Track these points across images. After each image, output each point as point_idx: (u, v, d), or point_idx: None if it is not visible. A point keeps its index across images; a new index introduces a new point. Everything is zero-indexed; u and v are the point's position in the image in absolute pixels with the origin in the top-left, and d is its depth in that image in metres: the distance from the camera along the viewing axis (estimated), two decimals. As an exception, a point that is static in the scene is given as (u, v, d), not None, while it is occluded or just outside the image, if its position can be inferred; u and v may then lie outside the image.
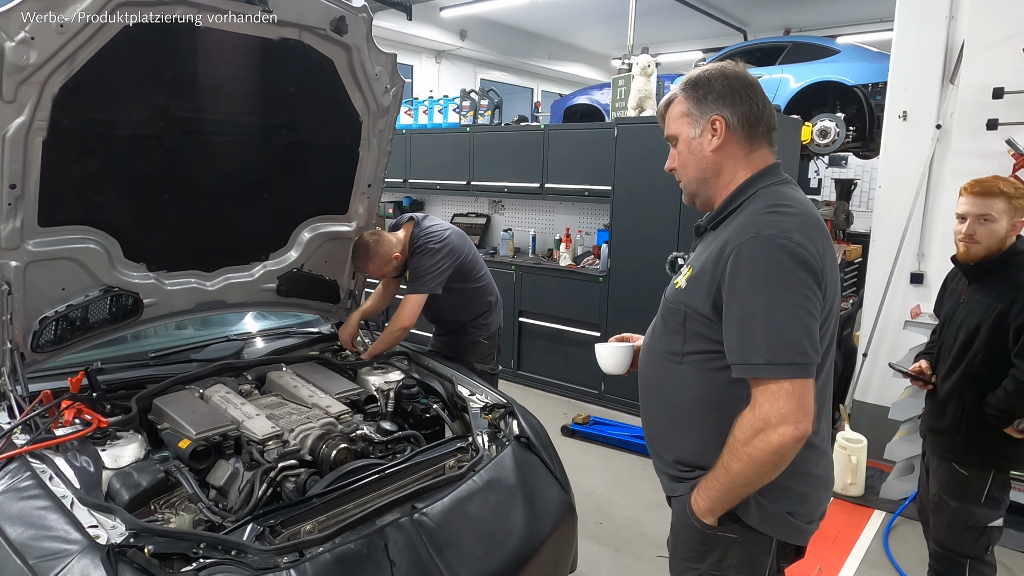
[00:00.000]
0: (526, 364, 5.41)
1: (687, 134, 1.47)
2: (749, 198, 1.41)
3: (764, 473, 1.29)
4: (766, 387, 1.25)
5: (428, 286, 2.89)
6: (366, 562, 1.65)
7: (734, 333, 1.29)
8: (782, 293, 1.25)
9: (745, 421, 1.28)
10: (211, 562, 1.52)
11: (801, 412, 1.24)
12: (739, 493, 1.35)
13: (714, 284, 1.34)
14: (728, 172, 1.45)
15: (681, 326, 1.42)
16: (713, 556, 1.44)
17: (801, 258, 1.26)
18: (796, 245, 1.27)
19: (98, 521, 1.59)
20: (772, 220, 1.31)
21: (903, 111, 3.79)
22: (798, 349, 1.24)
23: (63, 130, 1.90)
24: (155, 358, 2.54)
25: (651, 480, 3.74)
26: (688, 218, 4.28)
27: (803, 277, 1.26)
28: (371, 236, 2.85)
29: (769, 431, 1.24)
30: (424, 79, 10.41)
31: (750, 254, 1.28)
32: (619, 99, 4.92)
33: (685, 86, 1.47)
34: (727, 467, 1.32)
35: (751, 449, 1.26)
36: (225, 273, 2.56)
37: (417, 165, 6.15)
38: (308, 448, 2.08)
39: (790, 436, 1.23)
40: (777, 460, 1.27)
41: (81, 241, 2.12)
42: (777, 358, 1.23)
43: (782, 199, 1.38)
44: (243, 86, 2.26)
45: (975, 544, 2.31)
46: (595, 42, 12.38)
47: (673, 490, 1.52)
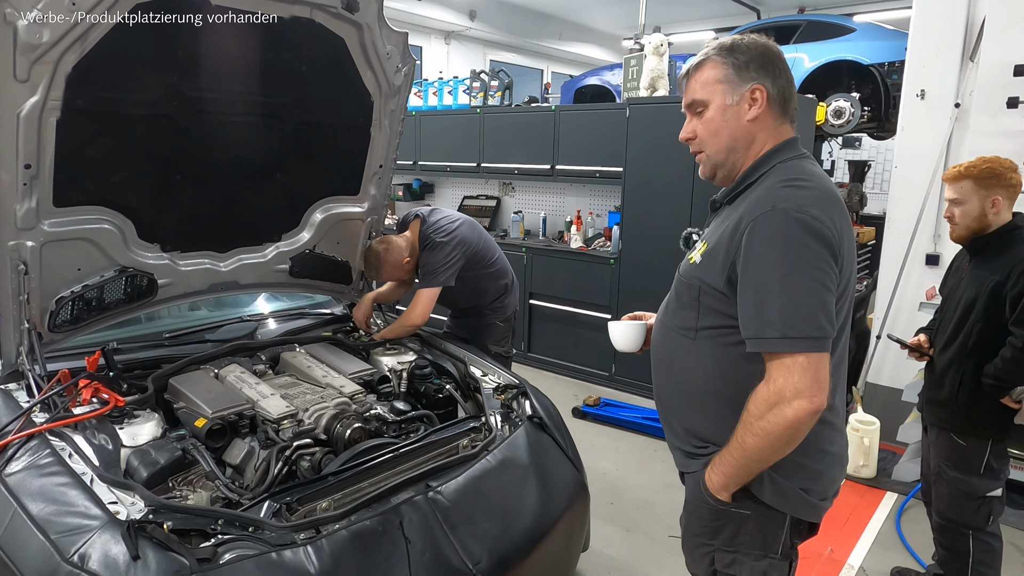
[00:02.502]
0: (537, 346, 5.41)
1: (721, 101, 1.39)
2: (766, 172, 1.38)
3: (779, 448, 1.28)
4: (780, 361, 1.24)
5: (439, 279, 2.88)
6: (381, 539, 1.67)
7: (749, 307, 1.28)
8: (798, 267, 1.23)
9: (759, 395, 1.27)
10: (229, 538, 1.54)
11: (816, 386, 1.22)
12: (753, 468, 1.34)
13: (729, 258, 1.32)
14: (758, 144, 1.41)
15: (695, 301, 1.40)
16: (726, 532, 1.43)
17: (817, 231, 1.24)
18: (812, 219, 1.25)
19: (117, 497, 1.61)
20: (789, 194, 1.29)
21: (921, 90, 3.72)
22: (813, 323, 1.22)
23: (77, 110, 1.89)
24: (170, 338, 2.56)
25: (662, 461, 3.75)
26: (701, 199, 4.25)
27: (819, 251, 1.24)
28: (380, 244, 2.85)
29: (784, 405, 1.23)
30: (433, 60, 10.35)
31: (766, 227, 1.26)
32: (631, 79, 4.87)
33: (720, 51, 1.40)
34: (741, 442, 1.31)
35: (765, 423, 1.25)
36: (238, 254, 2.57)
37: (427, 147, 6.12)
38: (323, 427, 2.09)
39: (805, 410, 1.22)
40: (792, 434, 1.26)
41: (96, 222, 2.13)
42: (792, 332, 1.22)
43: (799, 173, 1.35)
44: (254, 66, 2.24)
45: (976, 514, 2.35)
46: (606, 22, 12.24)
47: (687, 466, 1.51)
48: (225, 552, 1.51)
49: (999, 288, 2.23)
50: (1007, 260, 2.23)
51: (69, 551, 1.44)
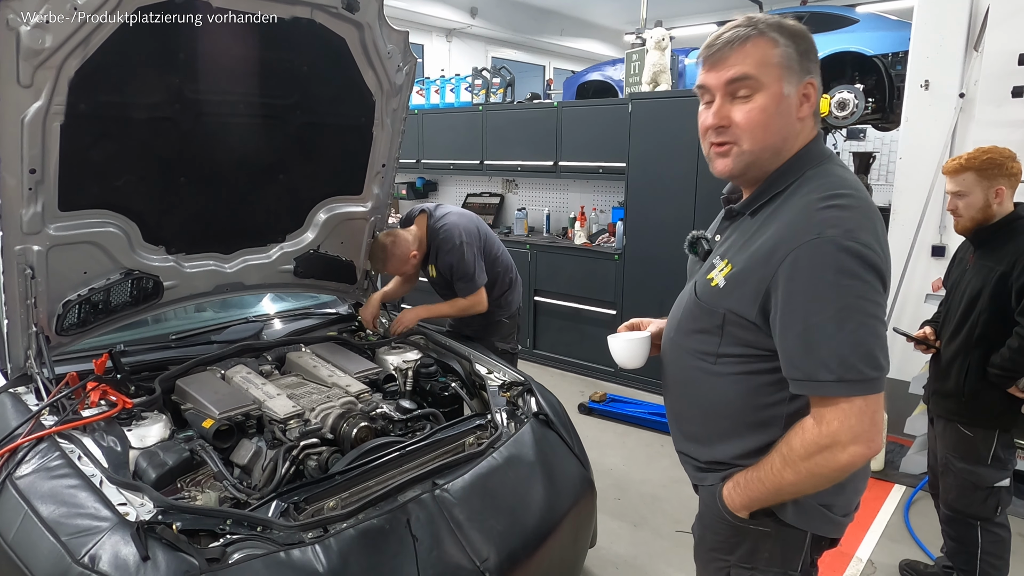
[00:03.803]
0: (542, 343, 5.42)
1: (778, 89, 1.18)
2: (796, 181, 1.23)
3: (819, 486, 1.21)
4: (836, 404, 1.13)
5: (480, 280, 2.95)
6: (389, 537, 1.68)
7: (796, 346, 1.15)
8: (852, 302, 1.11)
9: (809, 437, 1.16)
10: (238, 538, 1.55)
11: (874, 429, 1.13)
12: (783, 498, 1.27)
13: (762, 287, 1.18)
14: (796, 141, 1.24)
15: (718, 328, 1.28)
16: (743, 549, 1.36)
17: (870, 262, 1.12)
18: (864, 247, 1.11)
19: (127, 499, 1.62)
20: (834, 217, 1.13)
21: (925, 80, 3.70)
22: (872, 363, 1.11)
23: (80, 114, 1.90)
24: (176, 340, 2.57)
25: (669, 457, 3.75)
26: (705, 193, 4.24)
27: (873, 282, 1.12)
28: (387, 237, 2.85)
29: (837, 449, 1.13)
30: (435, 58, 10.33)
31: (813, 259, 1.12)
32: (633, 74, 4.86)
33: (779, 30, 1.18)
34: (778, 476, 1.21)
35: (812, 465, 1.16)
36: (243, 255, 2.58)
37: (430, 145, 6.12)
38: (329, 427, 2.10)
39: (861, 456, 1.13)
40: (839, 477, 1.18)
41: (101, 225, 2.14)
42: (850, 374, 1.11)
43: (837, 186, 1.18)
44: (256, 67, 2.25)
45: (983, 505, 2.35)
46: (607, 17, 12.20)
47: (700, 479, 1.43)
48: (234, 552, 1.52)
49: (1004, 278, 2.22)
50: (1012, 250, 2.23)
51: (80, 552, 1.45)
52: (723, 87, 1.21)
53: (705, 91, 1.25)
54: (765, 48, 1.18)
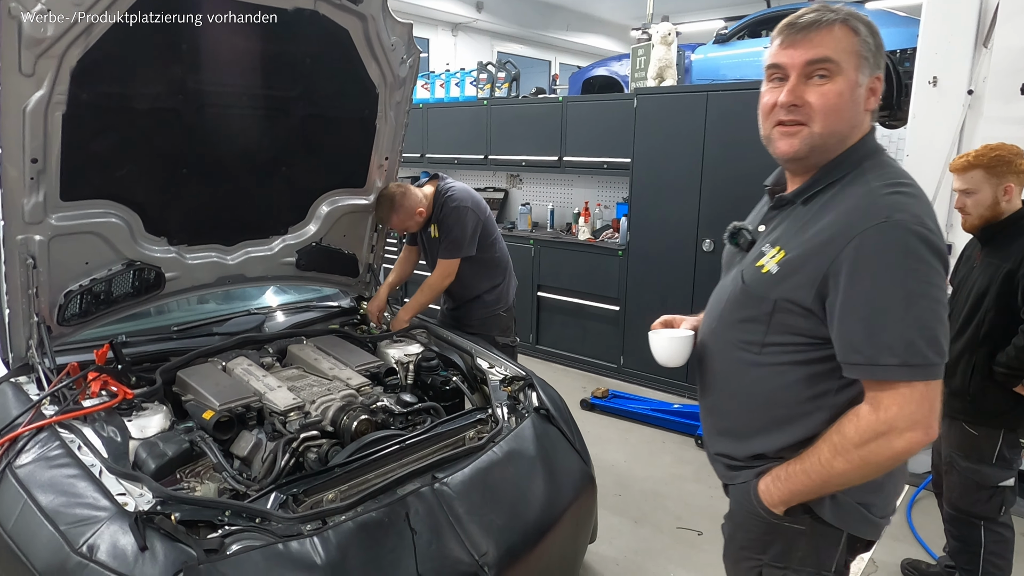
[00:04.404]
0: (545, 338, 5.41)
1: (855, 77, 1.20)
2: (854, 171, 1.22)
3: (869, 475, 1.19)
4: (896, 389, 1.12)
5: (463, 251, 2.94)
6: (388, 530, 1.67)
7: (859, 329, 1.14)
8: (920, 287, 1.11)
9: (865, 422, 1.15)
10: (236, 529, 1.55)
11: (932, 416, 1.12)
12: (828, 490, 1.24)
13: (819, 272, 1.16)
14: (861, 128, 1.25)
15: (767, 316, 1.25)
16: (776, 547, 1.33)
17: (936, 248, 1.12)
18: (930, 232, 1.12)
19: (126, 489, 1.62)
20: (901, 202, 1.14)
21: (933, 77, 3.66)
22: (937, 348, 1.11)
23: (82, 104, 1.90)
24: (178, 331, 2.57)
25: (671, 453, 3.74)
26: (709, 189, 4.22)
27: (938, 269, 1.13)
28: (397, 188, 2.83)
29: (893, 436, 1.13)
30: (440, 52, 10.32)
31: (882, 242, 1.12)
32: (639, 69, 4.83)
33: (862, 21, 1.20)
34: (827, 464, 1.19)
35: (866, 452, 1.15)
36: (245, 247, 2.58)
37: (434, 139, 6.11)
38: (329, 419, 2.10)
39: (918, 443, 1.13)
40: (892, 465, 1.17)
41: (103, 216, 2.14)
42: (915, 358, 1.10)
43: (899, 176, 1.20)
44: (259, 59, 2.25)
45: (987, 504, 2.34)
46: (613, 12, 12.15)
47: (732, 478, 1.40)
48: (232, 543, 1.51)
49: (1011, 276, 2.20)
50: (1019, 247, 2.21)
51: (78, 542, 1.46)
52: (801, 67, 1.21)
53: (777, 70, 1.25)
54: (847, 35, 1.19)
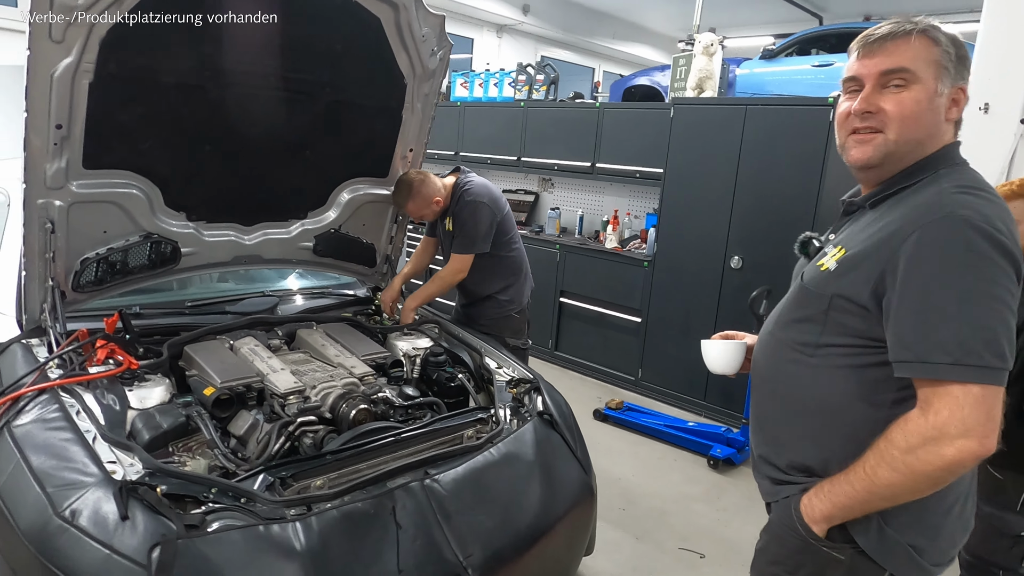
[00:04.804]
0: (564, 345, 5.34)
1: (934, 86, 1.18)
2: (929, 178, 1.19)
3: (919, 489, 1.11)
4: (948, 391, 1.05)
5: (477, 247, 2.91)
6: (372, 522, 1.64)
7: (911, 325, 1.08)
8: (980, 284, 1.04)
9: (913, 426, 1.08)
10: (220, 507, 1.54)
11: (990, 426, 1.04)
12: (874, 506, 1.16)
13: (878, 268, 1.13)
14: (936, 137, 1.21)
15: (822, 314, 1.21)
16: (807, 571, 1.25)
17: (1004, 247, 1.05)
18: (997, 231, 1.06)
19: (117, 458, 1.62)
20: (967, 201, 1.10)
21: (985, 103, 3.52)
22: (995, 350, 1.03)
23: (110, 74, 1.92)
24: (191, 307, 2.59)
25: (680, 471, 3.65)
26: (742, 208, 4.12)
27: (1005, 268, 1.05)
28: (417, 175, 2.81)
29: (944, 443, 1.05)
30: (485, 53, 10.33)
31: (940, 235, 1.07)
32: (679, 79, 4.76)
33: (940, 32, 1.20)
34: (871, 473, 1.12)
35: (914, 460, 1.07)
36: (263, 228, 2.58)
37: (469, 138, 6.10)
38: (328, 406, 2.08)
39: (970, 453, 1.04)
40: (943, 477, 1.09)
41: (124, 186, 2.16)
42: (969, 358, 1.03)
43: (975, 182, 1.15)
44: (288, 41, 2.24)
45: (1008, 553, 2.20)
46: (661, 23, 12.05)
47: (776, 494, 1.33)
48: (214, 521, 1.50)
49: None
50: None
51: (62, 505, 1.46)
52: (877, 76, 1.21)
53: (854, 82, 1.25)
54: (926, 44, 1.19)
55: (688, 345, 4.45)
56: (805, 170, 3.81)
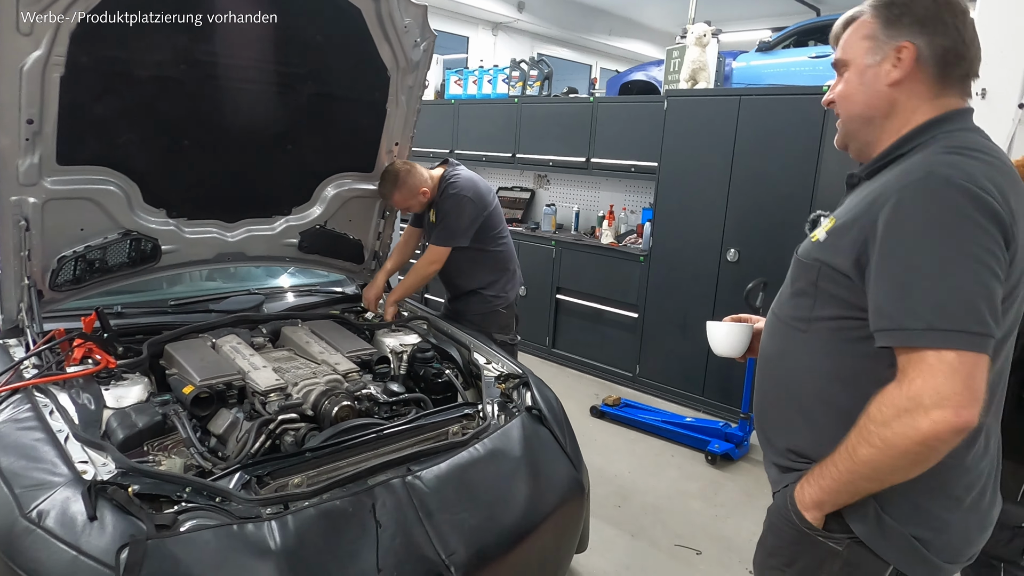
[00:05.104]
0: (561, 342, 5.30)
1: (861, 61, 1.19)
2: (924, 143, 1.13)
3: (900, 467, 1.03)
4: (922, 358, 0.98)
5: (455, 240, 2.86)
6: (351, 520, 1.60)
7: (887, 292, 1.03)
8: (960, 245, 0.98)
9: (888, 397, 1.02)
10: (193, 506, 1.50)
11: (968, 395, 0.95)
12: (860, 487, 1.09)
13: (861, 236, 1.08)
14: (902, 115, 1.17)
15: (812, 285, 1.18)
16: (803, 563, 1.18)
17: (987, 206, 0.98)
18: (982, 190, 0.99)
19: (89, 457, 1.58)
20: (952, 160, 1.04)
21: (982, 89, 3.47)
22: (975, 315, 0.96)
23: (81, 67, 1.88)
24: (174, 306, 2.55)
25: (677, 467, 3.60)
26: (737, 200, 4.07)
27: (989, 229, 0.98)
28: (404, 164, 2.77)
29: (918, 414, 0.97)
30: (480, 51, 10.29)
31: (918, 197, 1.02)
32: (672, 71, 4.70)
33: (876, 2, 1.20)
34: (852, 451, 1.06)
35: (889, 433, 1.00)
36: (246, 225, 2.55)
37: (464, 136, 6.06)
38: (311, 403, 2.04)
39: (946, 424, 0.95)
40: (922, 453, 1.00)
41: (100, 182, 2.12)
42: (944, 323, 0.96)
43: (970, 144, 1.09)
44: (267, 32, 2.20)
45: (1008, 546, 2.13)
46: (658, 19, 12.00)
47: (780, 482, 1.28)
48: (186, 520, 1.46)
49: None
50: None
51: (29, 506, 1.42)
52: (835, 69, 1.29)
53: None
54: (857, 27, 1.23)
55: (686, 340, 4.40)
56: (801, 160, 3.77)
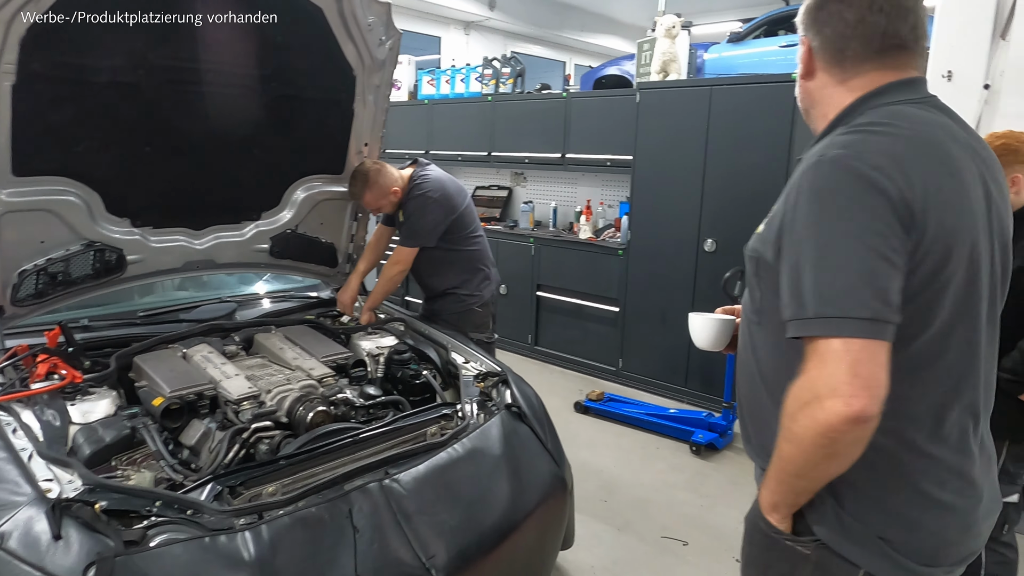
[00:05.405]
0: (543, 339, 5.28)
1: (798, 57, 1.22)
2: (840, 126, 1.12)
3: (814, 462, 0.99)
4: (815, 347, 0.96)
5: (420, 240, 2.83)
6: (327, 527, 1.57)
7: (785, 281, 1.02)
8: (843, 228, 0.96)
9: (793, 390, 1.00)
10: (162, 520, 1.46)
11: (856, 382, 0.91)
12: (795, 486, 1.06)
13: (778, 225, 1.07)
14: (823, 103, 1.17)
15: (755, 277, 1.17)
16: (777, 570, 1.14)
17: (875, 185, 0.95)
18: (871, 168, 0.96)
19: (54, 475, 1.53)
20: (848, 140, 1.01)
21: (948, 71, 3.50)
22: (856, 298, 0.93)
23: (33, 75, 1.83)
24: (143, 317, 2.50)
25: (663, 460, 3.60)
26: (713, 189, 4.08)
27: (878, 210, 0.95)
28: (373, 164, 2.74)
29: (815, 404, 0.94)
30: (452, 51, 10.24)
31: (810, 183, 1.01)
32: (643, 64, 4.71)
33: None
34: (779, 448, 1.04)
35: (797, 427, 0.98)
36: (215, 232, 2.50)
37: (438, 136, 6.03)
38: (285, 410, 2.00)
39: (838, 414, 0.91)
40: (826, 445, 0.95)
41: (59, 193, 2.07)
42: (827, 309, 0.94)
43: (888, 117, 1.04)
44: (227, 34, 2.16)
45: None
46: (630, 13, 12.02)
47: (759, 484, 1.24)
48: (156, 535, 1.42)
49: (1019, 275, 2.04)
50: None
51: (-10, 528, 1.37)
52: None
53: None
54: None
55: (667, 332, 4.40)
56: (772, 147, 3.78)
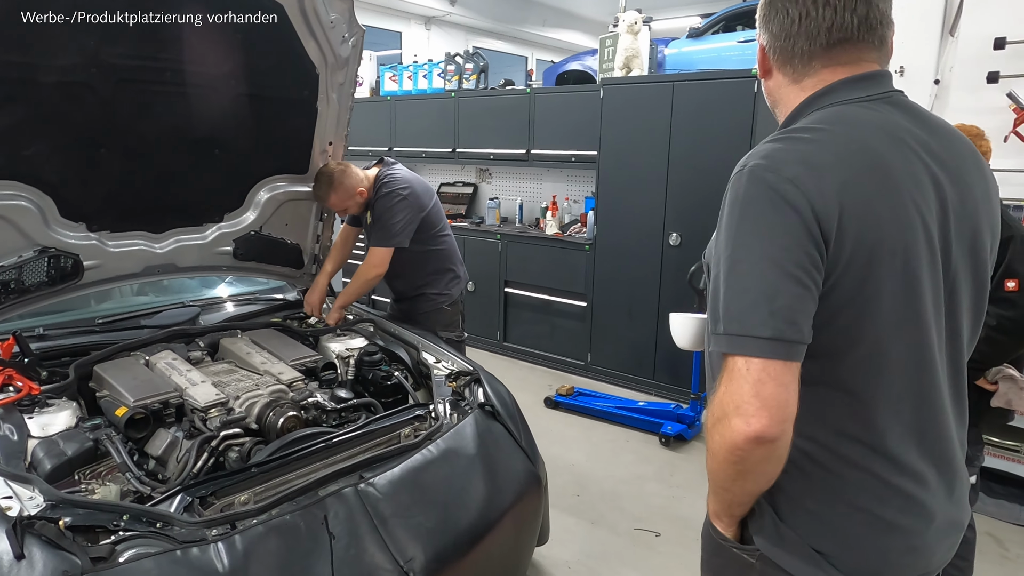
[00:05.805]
0: (512, 335, 5.29)
1: None
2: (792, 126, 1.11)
3: (730, 475, 0.99)
4: (724, 364, 0.96)
5: (395, 240, 2.79)
6: (302, 535, 1.54)
7: (710, 295, 1.02)
8: (750, 242, 0.94)
9: (710, 405, 1.01)
10: (131, 535, 1.42)
11: (756, 403, 0.90)
12: (723, 497, 1.06)
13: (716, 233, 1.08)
14: (782, 103, 1.15)
15: (707, 283, 1.15)
16: None
17: (787, 199, 0.92)
18: (783, 180, 0.93)
19: (14, 492, 1.48)
20: (768, 149, 0.98)
21: (900, 66, 3.61)
22: (756, 317, 0.91)
23: (-23, 75, 1.75)
24: (103, 324, 2.42)
25: (633, 452, 3.64)
26: (677, 183, 4.13)
27: (785, 225, 0.92)
28: (338, 166, 2.69)
29: (724, 422, 0.94)
30: (414, 46, 10.16)
31: (731, 194, 0.99)
32: (606, 60, 4.73)
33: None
34: (708, 462, 1.05)
35: (712, 443, 0.99)
36: (175, 235, 2.43)
37: (402, 133, 5.97)
38: (255, 416, 1.97)
39: (740, 434, 0.91)
40: (736, 462, 0.95)
41: (9, 198, 1.99)
42: (733, 326, 0.93)
43: (821, 122, 1.01)
44: (184, 32, 2.10)
45: None
46: (590, 7, 12.08)
47: None
48: (125, 550, 1.38)
49: None
50: None
51: (-53, 551, 1.31)
52: None
53: None
54: None
55: (634, 325, 4.45)
56: (734, 142, 3.84)
